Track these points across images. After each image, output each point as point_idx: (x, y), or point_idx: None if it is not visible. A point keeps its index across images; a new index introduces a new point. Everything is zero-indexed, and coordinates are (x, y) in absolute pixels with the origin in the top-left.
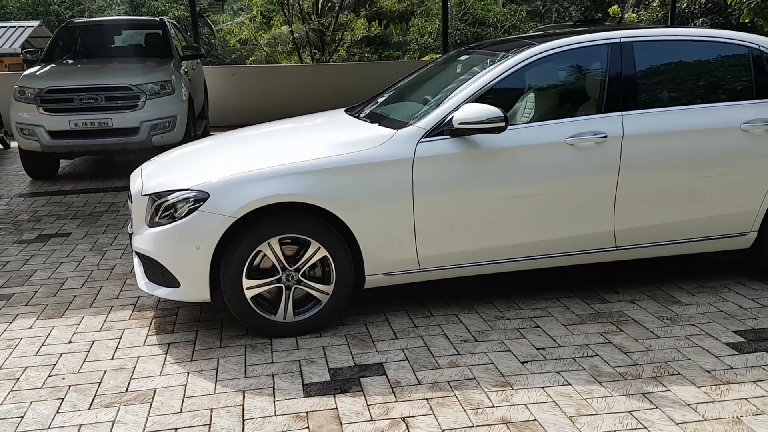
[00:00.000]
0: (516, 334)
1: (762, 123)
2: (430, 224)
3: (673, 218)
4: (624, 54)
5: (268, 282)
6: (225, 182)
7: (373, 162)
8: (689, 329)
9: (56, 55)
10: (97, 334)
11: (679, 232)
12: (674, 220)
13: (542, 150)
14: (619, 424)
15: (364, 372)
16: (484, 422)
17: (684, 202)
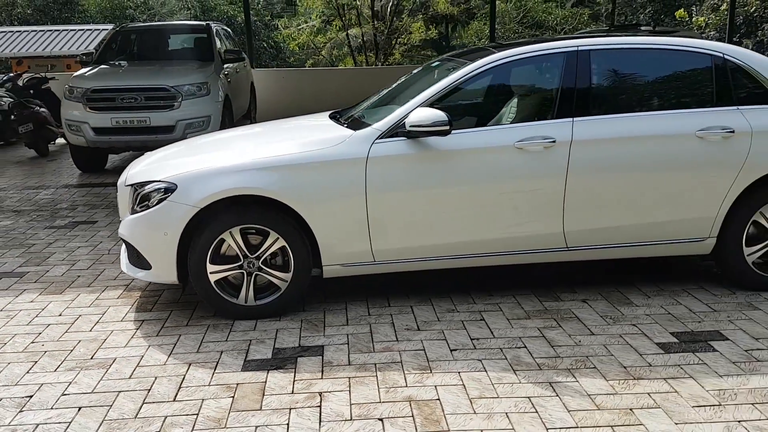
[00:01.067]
0: (459, 325)
1: (720, 130)
2: (384, 220)
3: (626, 221)
4: (580, 62)
5: (229, 268)
6: (192, 175)
7: (329, 160)
8: (627, 328)
9: (108, 57)
10: (85, 310)
11: (634, 236)
12: (628, 224)
13: (491, 153)
14: (513, 407)
15: (304, 352)
16: (390, 399)
17: (638, 206)
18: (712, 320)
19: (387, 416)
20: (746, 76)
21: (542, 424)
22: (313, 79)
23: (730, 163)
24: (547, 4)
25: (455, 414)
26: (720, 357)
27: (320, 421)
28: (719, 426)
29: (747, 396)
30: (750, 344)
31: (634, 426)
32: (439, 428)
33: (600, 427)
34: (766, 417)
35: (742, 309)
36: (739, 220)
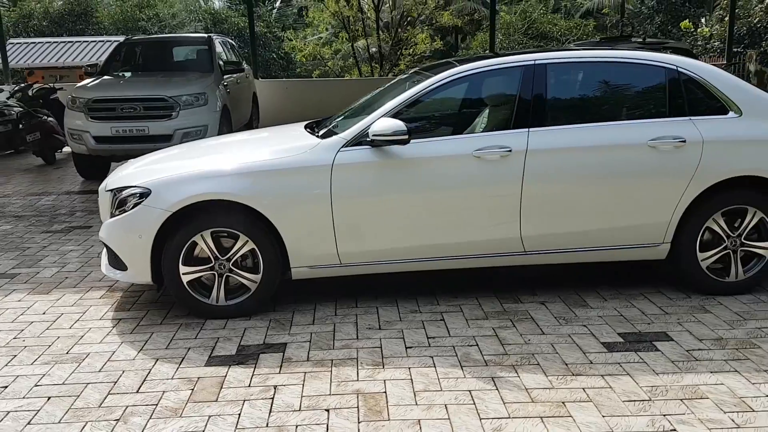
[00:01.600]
0: (419, 325)
1: (672, 140)
2: (349, 224)
3: (582, 227)
4: (536, 75)
5: (201, 269)
6: (165, 181)
7: (296, 167)
8: (577, 329)
9: (112, 68)
10: (68, 309)
11: (590, 241)
12: (584, 229)
13: (451, 161)
14: (453, 399)
15: (266, 349)
16: (340, 392)
17: (593, 212)
18: (662, 322)
19: (333, 407)
20: (699, 87)
21: (477, 414)
22: (317, 89)
23: (682, 171)
24: (552, 15)
25: (398, 405)
26: (660, 356)
27: (270, 411)
28: (644, 419)
29: (678, 392)
30: (692, 345)
31: (563, 417)
32: (380, 418)
33: (530, 418)
34: (691, 412)
35: (693, 312)
36: (693, 227)
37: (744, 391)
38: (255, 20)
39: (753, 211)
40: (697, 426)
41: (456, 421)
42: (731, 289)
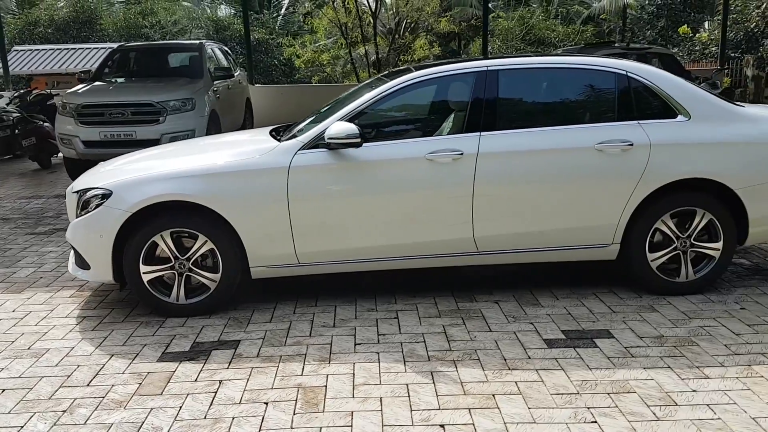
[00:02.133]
0: (372, 322)
1: (619, 143)
2: (306, 224)
3: (533, 228)
4: (488, 81)
5: (161, 269)
6: (126, 182)
7: (253, 169)
8: (524, 326)
9: (105, 74)
10: (37, 307)
11: (541, 241)
12: (535, 230)
13: (405, 164)
14: (390, 392)
15: (220, 346)
16: (282, 386)
17: (543, 213)
18: (607, 320)
19: (273, 400)
20: (649, 92)
21: (408, 406)
22: (312, 94)
23: (629, 174)
24: (551, 21)
25: (335, 398)
26: (597, 352)
27: (211, 405)
28: (568, 411)
29: (606, 387)
30: (632, 342)
31: (490, 409)
32: (316, 410)
33: (459, 410)
34: (615, 405)
35: (640, 311)
36: (642, 228)
37: (672, 386)
38: (258, 27)
39: (702, 213)
40: (618, 418)
41: (387, 412)
42: (682, 289)
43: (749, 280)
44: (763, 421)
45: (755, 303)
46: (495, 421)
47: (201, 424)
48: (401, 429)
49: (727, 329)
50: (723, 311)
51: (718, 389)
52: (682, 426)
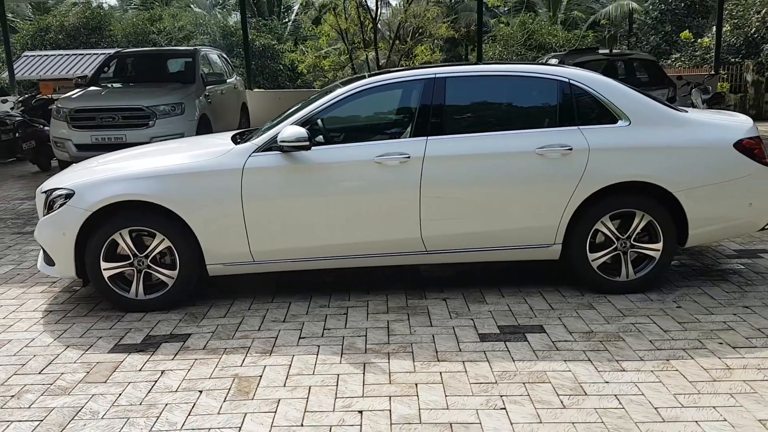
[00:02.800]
0: (321, 318)
1: (559, 147)
2: (260, 224)
3: (478, 228)
4: (436, 87)
5: (120, 265)
6: (87, 183)
7: (208, 170)
8: (464, 322)
9: (101, 79)
10: (7, 301)
11: (486, 241)
12: (480, 230)
13: (355, 166)
14: (320, 382)
15: (170, 339)
16: (220, 376)
17: (487, 215)
18: (544, 317)
19: (207, 389)
20: (591, 98)
21: (334, 394)
22: None
23: (569, 177)
24: (552, 27)
25: (267, 387)
26: (525, 346)
27: (149, 392)
28: (482, 398)
29: (524, 377)
30: (561, 337)
31: (409, 396)
32: (246, 398)
33: (380, 397)
34: (527, 394)
35: (578, 308)
36: (582, 229)
37: (586, 377)
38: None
39: (641, 215)
40: (527, 406)
41: (313, 400)
42: (623, 288)
43: (694, 281)
44: (663, 410)
45: (693, 302)
46: (410, 408)
47: (135, 410)
48: (321, 415)
49: (657, 326)
50: (659, 309)
51: (630, 381)
52: (585, 414)
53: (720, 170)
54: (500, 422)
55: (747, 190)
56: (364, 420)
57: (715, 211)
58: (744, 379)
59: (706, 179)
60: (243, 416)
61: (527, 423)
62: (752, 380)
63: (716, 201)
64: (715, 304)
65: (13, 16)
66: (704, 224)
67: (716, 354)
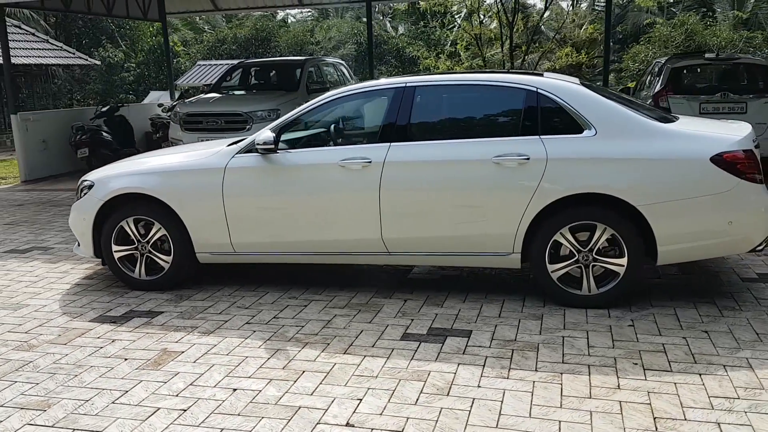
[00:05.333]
0: (280, 308)
1: (516, 156)
2: (238, 218)
3: (438, 233)
4: (405, 96)
5: (127, 249)
6: (103, 176)
7: (197, 168)
8: (403, 321)
9: (222, 87)
10: (54, 273)
11: (446, 246)
12: (440, 235)
13: (321, 169)
14: (227, 362)
15: (144, 315)
16: (151, 348)
17: (445, 220)
18: (483, 323)
19: (132, 357)
20: (557, 107)
21: (227, 373)
22: None
23: (525, 186)
24: (712, 29)
25: (179, 361)
26: (436, 348)
27: (88, 355)
28: (349, 389)
29: (404, 374)
30: (478, 342)
31: (287, 381)
32: (155, 368)
33: (263, 379)
34: (392, 389)
35: (525, 318)
36: (541, 240)
37: (463, 380)
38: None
39: (602, 228)
40: (383, 398)
41: (206, 375)
42: (585, 303)
43: (678, 300)
44: (506, 417)
45: (652, 322)
46: (279, 390)
47: (65, 368)
48: (201, 389)
49: (586, 341)
50: (606, 326)
51: (501, 388)
52: (426, 410)
53: (693, 185)
54: (347, 411)
55: (726, 207)
56: (231, 396)
57: (688, 228)
58: (621, 400)
59: (677, 194)
60: (138, 383)
61: (367, 413)
62: (628, 401)
63: (688, 217)
64: (674, 326)
65: (210, 28)
66: (675, 241)
67: (619, 373)
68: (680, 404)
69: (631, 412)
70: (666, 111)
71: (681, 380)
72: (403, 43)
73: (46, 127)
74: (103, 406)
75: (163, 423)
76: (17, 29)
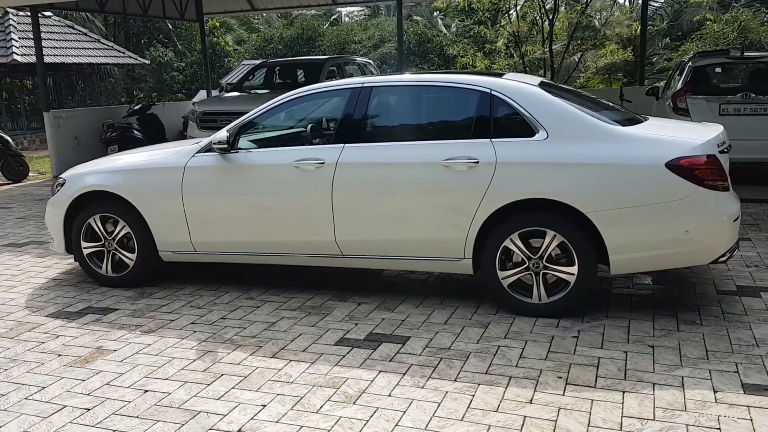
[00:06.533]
0: (232, 308)
1: (466, 160)
2: (198, 218)
3: (390, 236)
4: (361, 97)
5: (95, 245)
6: (74, 174)
7: (158, 167)
8: (346, 326)
9: (244, 86)
10: (38, 268)
11: (399, 250)
12: (392, 238)
13: (276, 169)
14: (151, 362)
15: (99, 312)
16: (89, 345)
17: (397, 223)
18: (426, 330)
19: (66, 354)
20: (511, 110)
21: (147, 373)
22: None
23: (474, 190)
24: None
25: (107, 360)
26: (365, 353)
27: (28, 350)
28: (259, 394)
29: (318, 379)
30: (410, 350)
31: (204, 384)
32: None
33: (182, 382)
34: (300, 395)
35: (470, 326)
36: (491, 245)
37: (377, 389)
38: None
39: (552, 235)
40: (287, 404)
41: (126, 375)
42: (535, 312)
43: (638, 312)
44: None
45: (599, 334)
46: (188, 393)
47: (1, 362)
48: (116, 388)
49: (520, 352)
50: (548, 336)
51: (410, 398)
52: (324, 420)
53: (646, 192)
54: (245, 417)
55: (682, 216)
56: (139, 398)
57: (641, 236)
58: (527, 415)
59: (629, 201)
60: (58, 379)
61: (264, 420)
62: (534, 417)
63: (642, 226)
64: (621, 339)
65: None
66: (628, 250)
67: (538, 387)
68: (587, 423)
69: (532, 428)
70: (684, 112)
71: (600, 397)
72: (447, 41)
73: (79, 124)
74: (15, 402)
75: (62, 421)
76: (70, 29)
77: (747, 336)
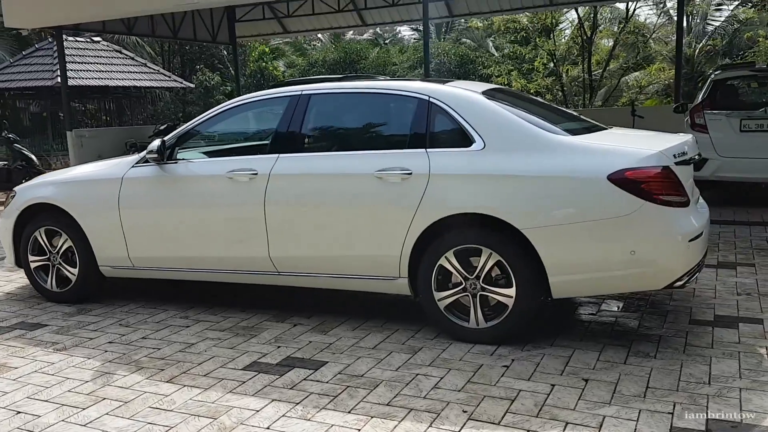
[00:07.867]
0: (161, 327)
1: (399, 171)
2: (134, 231)
3: (323, 253)
4: (299, 105)
5: (41, 259)
6: (23, 187)
7: (96, 179)
8: (266, 349)
9: None
10: (2, 283)
11: (335, 268)
12: (325, 255)
13: (210, 181)
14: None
15: (29, 327)
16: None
17: (329, 239)
18: (347, 354)
19: None
20: (448, 118)
21: (33, 395)
22: None
23: (407, 204)
24: None
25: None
26: (270, 378)
27: None
28: (126, 423)
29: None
30: (321, 377)
31: (80, 408)
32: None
33: (59, 405)
34: (174, 425)
35: (399, 351)
36: (426, 264)
37: (259, 419)
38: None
39: (488, 253)
40: None
41: (10, 395)
42: (474, 337)
43: (589, 341)
44: None
45: (533, 364)
46: (58, 417)
47: None
48: None
49: (436, 381)
50: (477, 364)
51: (277, 429)
52: None
53: (587, 207)
54: None
55: (626, 234)
56: (7, 420)
57: (582, 257)
58: None
59: (568, 217)
60: None
61: None
62: None
63: (582, 245)
64: (555, 371)
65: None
66: (567, 272)
67: (435, 422)
68: None
69: None
70: (702, 128)
71: None
72: (489, 61)
73: (102, 143)
74: None
75: None
76: (117, 53)
77: (701, 372)
